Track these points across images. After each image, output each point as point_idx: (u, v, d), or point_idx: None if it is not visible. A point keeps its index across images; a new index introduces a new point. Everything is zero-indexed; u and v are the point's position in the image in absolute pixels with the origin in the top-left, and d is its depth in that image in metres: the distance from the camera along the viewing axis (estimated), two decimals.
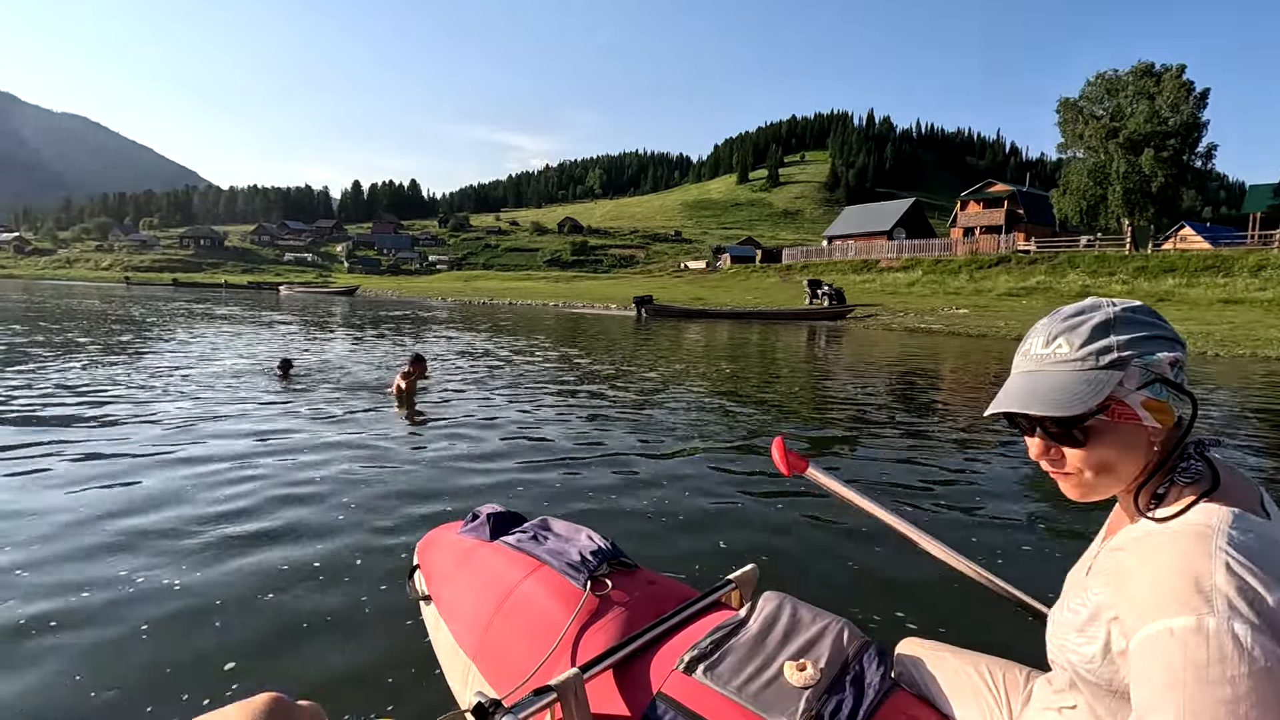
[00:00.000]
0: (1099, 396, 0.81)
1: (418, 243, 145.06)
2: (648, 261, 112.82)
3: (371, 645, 2.30)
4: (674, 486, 4.25)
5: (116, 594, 2.60)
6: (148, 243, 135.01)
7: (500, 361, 11.29)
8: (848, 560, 3.11)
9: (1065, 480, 0.90)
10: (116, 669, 2.14)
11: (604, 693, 1.30)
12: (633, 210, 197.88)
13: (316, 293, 57.86)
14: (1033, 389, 0.85)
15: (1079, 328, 0.85)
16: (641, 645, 1.37)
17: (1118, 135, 34.88)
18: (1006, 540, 3.44)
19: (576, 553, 1.64)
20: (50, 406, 6.20)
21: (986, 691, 1.19)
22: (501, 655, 1.49)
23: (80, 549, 3.00)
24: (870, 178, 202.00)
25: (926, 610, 2.59)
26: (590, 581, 1.55)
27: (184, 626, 2.40)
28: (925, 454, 5.31)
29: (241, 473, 4.23)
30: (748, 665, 1.24)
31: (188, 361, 9.90)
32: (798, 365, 12.22)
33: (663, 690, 1.25)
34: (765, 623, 1.33)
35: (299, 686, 2.05)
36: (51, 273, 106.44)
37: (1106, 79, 37.29)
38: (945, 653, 1.29)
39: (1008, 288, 33.41)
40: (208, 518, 3.42)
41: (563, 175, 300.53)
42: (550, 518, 1.87)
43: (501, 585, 1.62)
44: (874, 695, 1.19)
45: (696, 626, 1.41)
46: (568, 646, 1.42)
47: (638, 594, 1.56)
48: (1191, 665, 0.67)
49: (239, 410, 6.24)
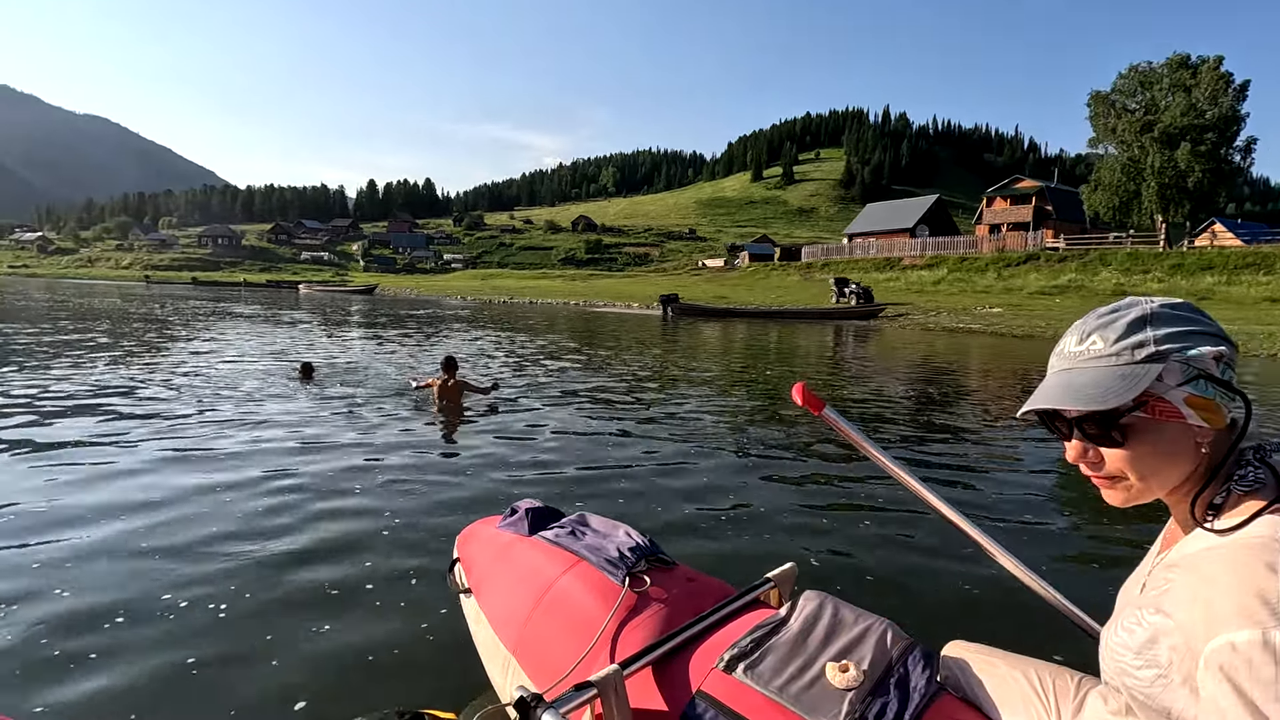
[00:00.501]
0: (1134, 390, 0.77)
1: (433, 241, 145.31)
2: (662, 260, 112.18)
3: (412, 636, 2.31)
4: (713, 485, 4.21)
5: (162, 616, 2.46)
6: (167, 242, 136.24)
7: (530, 361, 10.95)
8: (887, 560, 3.04)
9: (1106, 485, 0.86)
10: (166, 695, 2.00)
11: (643, 689, 1.29)
12: (646, 208, 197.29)
13: (335, 291, 57.90)
14: (1066, 385, 0.82)
15: (1114, 323, 0.82)
16: (681, 642, 1.36)
17: (1153, 129, 33.88)
18: (1059, 549, 3.27)
19: (614, 549, 1.63)
20: (70, 413, 5.90)
21: (1036, 699, 1.13)
22: (541, 650, 1.50)
23: (121, 571, 2.79)
24: (886, 175, 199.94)
25: (970, 613, 2.53)
26: (629, 578, 1.53)
27: (231, 634, 2.34)
28: (983, 457, 5.18)
29: (279, 482, 4.03)
30: (789, 665, 1.22)
31: (212, 364, 9.62)
32: (840, 365, 11.76)
33: (702, 688, 1.24)
34: (806, 622, 1.31)
35: (341, 673, 2.10)
36: (74, 271, 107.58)
37: (1140, 71, 36.29)
38: (994, 657, 1.24)
39: (1038, 286, 32.60)
40: (245, 532, 3.28)
41: (576, 174, 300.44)
42: (588, 514, 1.87)
43: (540, 580, 1.62)
44: (919, 699, 1.15)
45: (736, 625, 1.40)
46: (607, 642, 1.42)
47: (676, 591, 1.55)
48: (1258, 682, 0.63)
49: (265, 416, 5.96)
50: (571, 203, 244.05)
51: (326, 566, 2.86)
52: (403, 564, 2.90)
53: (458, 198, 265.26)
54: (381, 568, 2.86)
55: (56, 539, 3.07)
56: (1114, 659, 0.83)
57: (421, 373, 8.67)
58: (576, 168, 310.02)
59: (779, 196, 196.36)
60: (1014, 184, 52.30)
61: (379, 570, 2.83)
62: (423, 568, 2.85)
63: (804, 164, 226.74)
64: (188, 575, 2.74)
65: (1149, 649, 0.77)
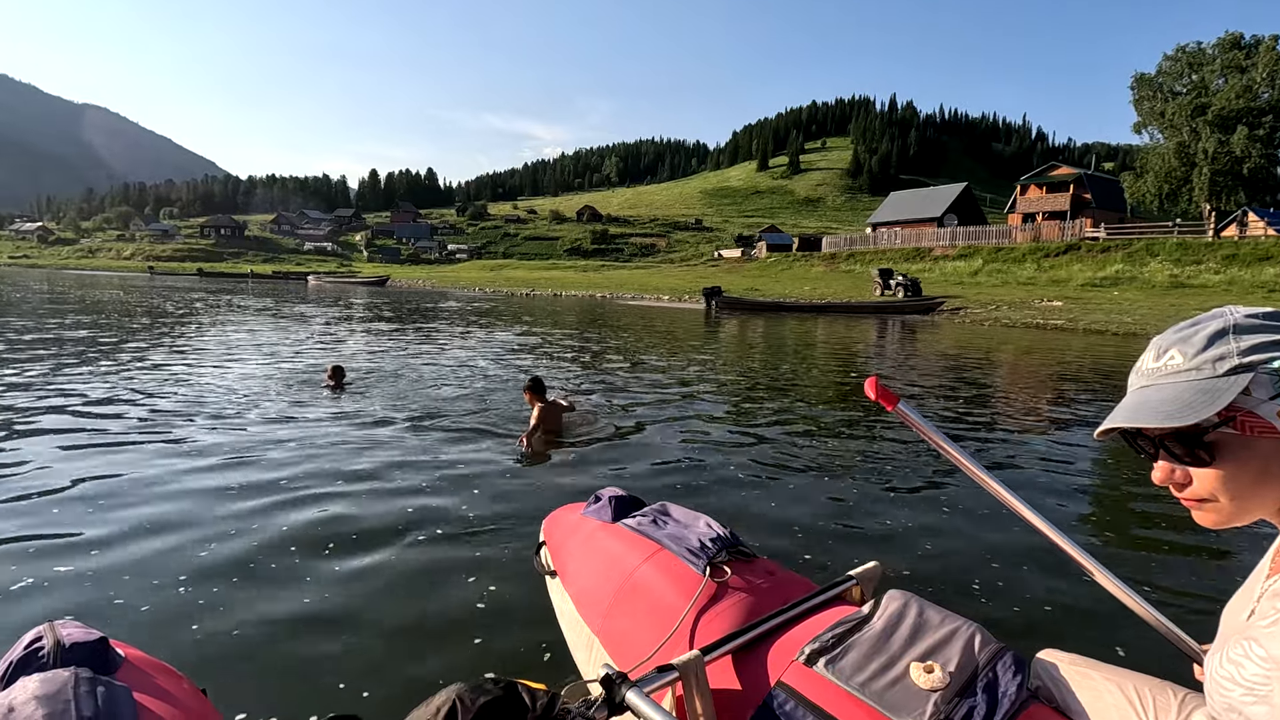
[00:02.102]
0: (1216, 405, 0.72)
1: (436, 232, 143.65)
2: (669, 250, 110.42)
3: (501, 614, 2.48)
4: (798, 481, 4.24)
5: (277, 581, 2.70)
6: (169, 232, 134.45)
7: (596, 362, 9.86)
8: (974, 565, 2.98)
9: (1196, 508, 0.80)
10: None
11: (723, 676, 1.31)
12: (651, 198, 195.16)
13: (346, 283, 56.40)
14: (1143, 403, 0.78)
15: (1193, 337, 0.77)
16: (761, 634, 1.36)
17: (1205, 112, 32.35)
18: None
19: (696, 539, 1.64)
20: (96, 419, 5.27)
21: (1133, 714, 1.09)
22: (623, 633, 1.54)
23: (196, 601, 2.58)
24: (894, 164, 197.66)
25: (1062, 623, 2.46)
26: (709, 568, 1.55)
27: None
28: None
29: (328, 504, 3.71)
30: (871, 662, 1.20)
31: (233, 366, 8.50)
32: (920, 364, 10.56)
33: (783, 680, 1.24)
34: (890, 621, 1.29)
35: (433, 646, 2.28)
36: (75, 262, 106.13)
37: (1188, 53, 34.74)
38: (1089, 668, 1.19)
39: (1085, 278, 31.20)
40: (338, 530, 3.32)
41: (579, 163, 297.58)
42: (669, 504, 1.88)
43: (623, 566, 1.65)
44: (1009, 705, 1.12)
45: (817, 619, 1.39)
46: (687, 629, 1.44)
47: (757, 583, 1.56)
48: None
49: (300, 433, 5.16)
50: (575, 193, 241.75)
51: (419, 549, 3.05)
52: (496, 549, 3.07)
53: (460, 187, 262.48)
54: (475, 551, 3.04)
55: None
56: (1221, 693, 0.78)
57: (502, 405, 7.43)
58: (579, 157, 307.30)
59: (785, 186, 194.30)
60: (1049, 171, 50.45)
61: (471, 553, 3.02)
62: (514, 552, 3.00)
63: (810, 153, 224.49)
64: (296, 564, 2.88)
65: (1261, 684, 0.73)
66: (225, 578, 2.70)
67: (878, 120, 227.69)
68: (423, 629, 2.35)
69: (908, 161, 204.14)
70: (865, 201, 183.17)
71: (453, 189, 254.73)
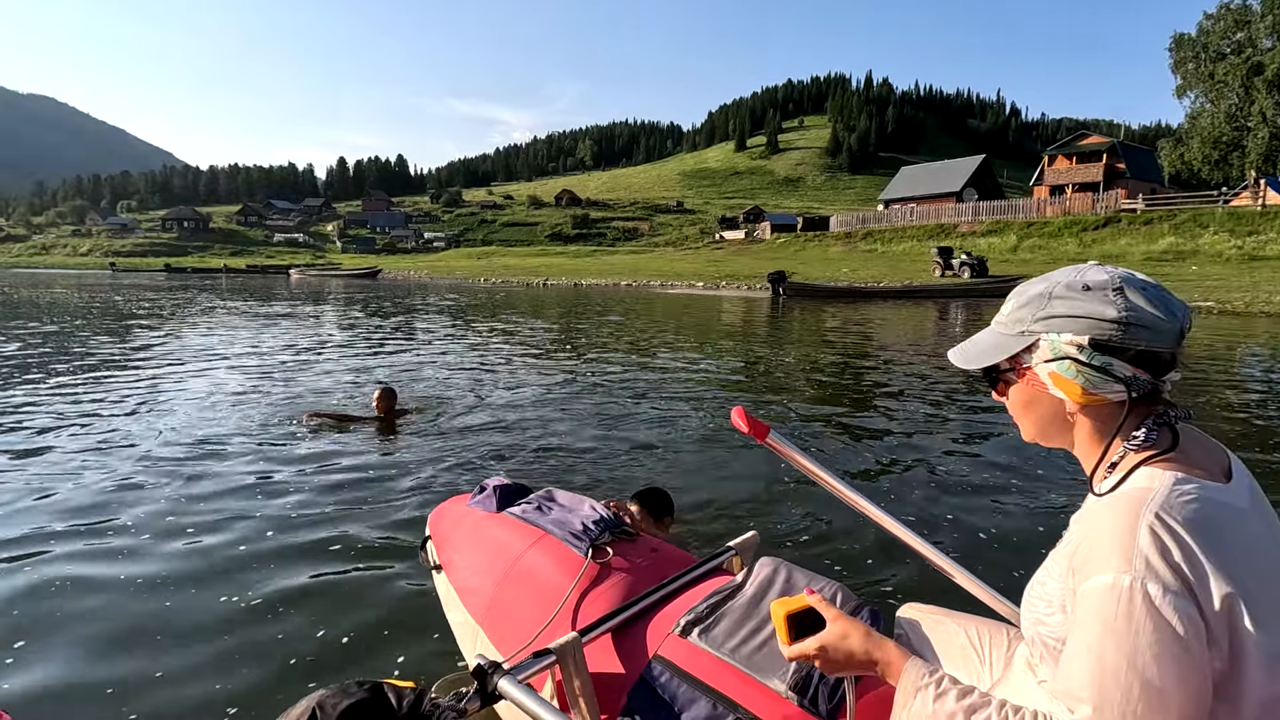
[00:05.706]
0: (999, 356, 0.90)
1: (411, 220, 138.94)
2: (653, 234, 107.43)
3: (390, 613, 2.36)
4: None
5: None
6: (128, 226, 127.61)
7: (800, 373, 7.19)
8: (851, 531, 2.98)
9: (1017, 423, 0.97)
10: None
11: (603, 655, 1.34)
12: (629, 181, 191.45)
13: (331, 275, 52.79)
14: (974, 342, 0.95)
15: (1022, 294, 0.90)
16: (640, 610, 1.39)
17: (1263, 71, 30.45)
18: None
19: (579, 522, 1.67)
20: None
21: (974, 653, 1.24)
22: (506, 621, 1.54)
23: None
24: (873, 142, 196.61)
25: (928, 578, 2.44)
26: (592, 549, 1.57)
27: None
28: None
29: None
30: (741, 628, 1.26)
31: (243, 388, 5.70)
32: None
33: (659, 653, 1.28)
34: (760, 587, 1.34)
35: (318, 650, 2.15)
36: (28, 259, 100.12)
37: (1234, 10, 32.83)
38: (943, 616, 1.33)
39: (1141, 252, 29.31)
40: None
41: (552, 147, 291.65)
42: (555, 489, 1.88)
43: (507, 555, 1.66)
44: None
45: (695, 591, 1.43)
46: (569, 612, 1.46)
47: (639, 561, 1.59)
48: (1103, 620, 0.71)
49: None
50: (549, 177, 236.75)
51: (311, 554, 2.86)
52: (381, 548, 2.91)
53: (431, 174, 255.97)
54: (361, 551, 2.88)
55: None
56: (1029, 610, 0.90)
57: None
58: (552, 141, 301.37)
59: (764, 166, 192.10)
60: (1077, 140, 48.42)
61: (359, 553, 2.86)
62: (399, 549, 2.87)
63: (788, 133, 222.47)
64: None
65: (1054, 598, 0.84)
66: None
67: (855, 98, 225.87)
68: (299, 638, 2.21)
69: (886, 139, 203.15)
70: (846, 180, 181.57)
71: (424, 176, 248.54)
